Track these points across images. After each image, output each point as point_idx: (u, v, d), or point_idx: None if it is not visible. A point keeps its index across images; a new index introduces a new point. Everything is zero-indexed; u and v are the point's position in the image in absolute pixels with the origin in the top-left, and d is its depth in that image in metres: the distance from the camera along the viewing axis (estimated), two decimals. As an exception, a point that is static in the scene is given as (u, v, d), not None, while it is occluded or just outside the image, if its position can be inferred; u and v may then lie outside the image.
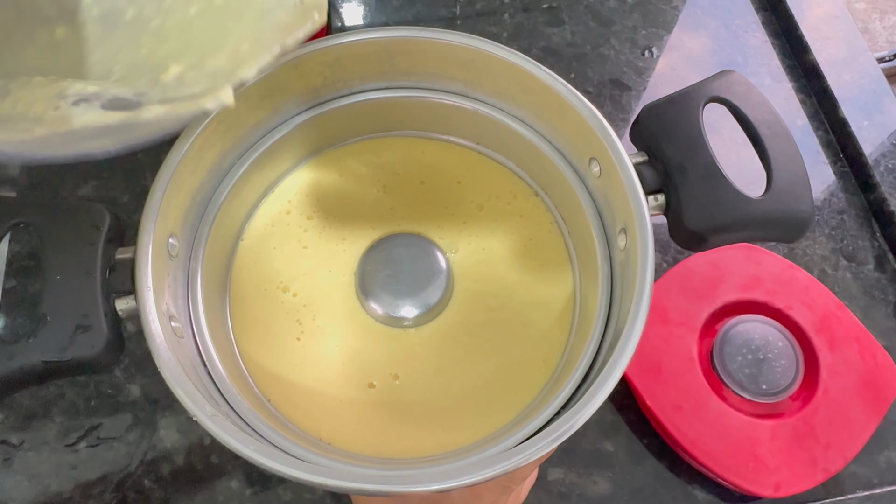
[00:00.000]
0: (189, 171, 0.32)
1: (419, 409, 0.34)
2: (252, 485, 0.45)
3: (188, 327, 0.33)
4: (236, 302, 0.36)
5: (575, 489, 0.45)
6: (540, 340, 0.35)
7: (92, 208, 0.30)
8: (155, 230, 0.30)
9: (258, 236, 0.37)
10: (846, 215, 0.56)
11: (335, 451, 0.33)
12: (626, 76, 0.61)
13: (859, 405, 0.45)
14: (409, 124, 0.39)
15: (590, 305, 0.34)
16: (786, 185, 0.31)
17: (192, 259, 0.34)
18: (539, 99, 0.35)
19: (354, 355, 0.35)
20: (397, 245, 0.37)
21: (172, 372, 0.28)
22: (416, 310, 0.35)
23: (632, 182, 0.31)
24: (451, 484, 0.26)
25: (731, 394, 0.45)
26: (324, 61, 0.35)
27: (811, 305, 0.48)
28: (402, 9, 0.64)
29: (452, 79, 0.37)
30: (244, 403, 0.31)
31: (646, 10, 0.65)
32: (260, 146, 0.36)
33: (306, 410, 0.34)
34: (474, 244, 0.37)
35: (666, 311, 0.47)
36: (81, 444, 0.46)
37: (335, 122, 0.38)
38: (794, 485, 0.43)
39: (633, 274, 0.29)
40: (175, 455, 0.45)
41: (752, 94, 0.33)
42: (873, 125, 0.58)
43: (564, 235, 0.37)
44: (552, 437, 0.26)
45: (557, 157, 0.36)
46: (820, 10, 0.64)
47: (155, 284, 0.29)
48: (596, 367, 0.31)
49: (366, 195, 0.39)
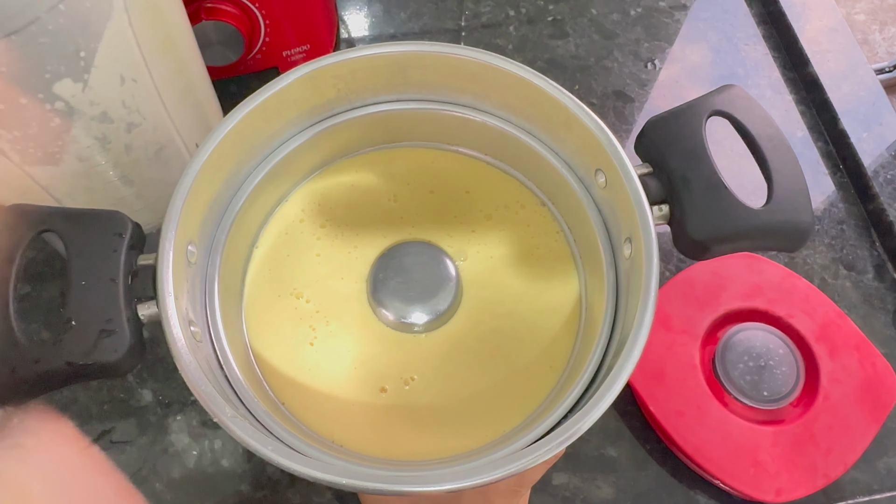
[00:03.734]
0: (207, 180, 0.33)
1: (429, 413, 0.35)
2: (262, 488, 0.46)
3: (206, 332, 0.34)
4: (251, 307, 0.37)
5: (579, 494, 0.46)
6: (547, 346, 0.36)
7: (114, 216, 0.31)
8: (175, 238, 0.31)
9: (272, 244, 0.38)
10: (846, 225, 0.57)
11: (347, 453, 0.33)
12: (629, 88, 0.62)
13: (859, 412, 0.45)
14: (419, 136, 0.40)
15: (595, 312, 0.35)
16: (786, 196, 0.32)
17: (209, 266, 0.35)
18: (546, 112, 0.36)
19: (366, 360, 0.36)
20: (408, 253, 0.37)
21: (193, 375, 0.28)
22: (426, 316, 0.36)
23: (637, 193, 0.31)
24: (462, 484, 0.26)
25: (732, 400, 0.46)
26: (338, 75, 0.36)
27: (811, 314, 0.48)
28: (409, 21, 0.65)
29: (462, 92, 0.38)
30: (260, 406, 0.32)
31: (648, 23, 0.66)
32: (275, 157, 0.37)
33: (319, 413, 0.35)
34: (482, 252, 0.38)
35: (669, 318, 0.48)
36: (94, 448, 0.46)
37: (348, 134, 0.39)
38: (794, 490, 0.43)
39: (639, 281, 0.30)
40: (186, 459, 0.46)
41: (753, 109, 0.33)
42: (872, 136, 0.59)
43: (570, 244, 0.38)
44: (560, 440, 0.27)
45: (564, 168, 0.37)
46: (819, 24, 0.65)
47: (175, 290, 0.30)
48: (602, 373, 0.32)
49: (377, 204, 0.40)
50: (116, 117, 0.38)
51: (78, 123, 0.36)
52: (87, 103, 0.35)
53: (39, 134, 0.35)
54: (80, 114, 0.36)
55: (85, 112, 0.36)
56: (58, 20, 0.31)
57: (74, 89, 0.34)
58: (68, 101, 0.34)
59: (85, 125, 0.36)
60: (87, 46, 0.33)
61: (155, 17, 0.37)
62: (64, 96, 0.34)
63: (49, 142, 0.36)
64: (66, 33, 0.32)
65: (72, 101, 0.35)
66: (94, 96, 0.35)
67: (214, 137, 0.33)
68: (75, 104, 0.35)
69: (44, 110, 0.34)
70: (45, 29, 0.31)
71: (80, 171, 0.38)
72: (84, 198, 0.40)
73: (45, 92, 0.33)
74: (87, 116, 0.36)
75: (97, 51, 0.34)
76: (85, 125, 0.36)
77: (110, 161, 0.39)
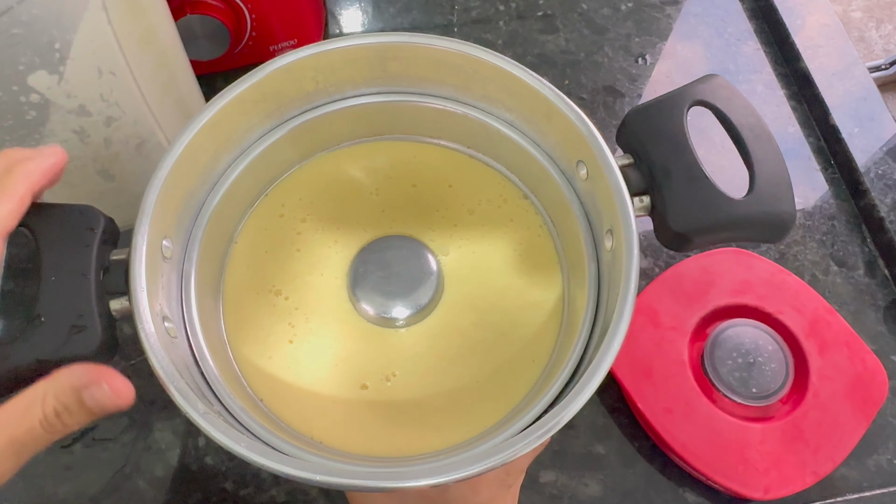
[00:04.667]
0: (182, 173, 0.33)
1: (411, 408, 0.34)
2: (246, 486, 0.45)
3: (182, 328, 0.33)
4: (229, 304, 0.36)
5: (566, 491, 0.46)
6: (529, 341, 0.35)
7: (86, 210, 0.30)
8: (149, 232, 0.30)
9: (251, 240, 0.38)
10: (836, 221, 0.56)
11: (328, 450, 0.33)
12: (619, 83, 0.62)
13: (848, 409, 0.45)
14: (400, 128, 0.40)
15: (577, 306, 0.35)
16: (768, 186, 0.31)
17: (185, 261, 0.35)
18: (527, 103, 0.35)
19: (347, 357, 0.35)
20: (389, 247, 0.37)
21: (166, 370, 0.28)
22: (407, 311, 0.35)
23: (618, 184, 0.31)
24: (443, 479, 0.26)
25: (721, 397, 0.45)
26: (316, 66, 0.36)
27: (801, 310, 0.48)
28: (398, 16, 0.65)
29: (443, 84, 0.37)
30: (237, 403, 0.31)
31: (639, 18, 0.65)
32: (253, 150, 0.37)
33: (299, 411, 0.34)
34: (465, 247, 0.38)
35: (657, 315, 0.48)
36: (76, 446, 0.46)
37: (328, 127, 0.39)
38: (783, 487, 0.43)
39: (619, 273, 0.30)
40: (170, 456, 0.46)
41: (735, 98, 0.33)
42: (864, 132, 0.59)
43: (553, 238, 0.38)
44: (540, 432, 0.26)
45: (546, 160, 0.37)
46: (812, 19, 0.65)
47: (149, 285, 0.30)
48: (583, 365, 0.31)
49: (358, 198, 0.39)
50: (95, 111, 0.37)
51: (54, 116, 0.36)
52: (63, 96, 0.35)
53: (15, 127, 0.35)
54: (57, 107, 0.35)
55: (61, 105, 0.35)
56: (31, 11, 0.31)
57: (50, 81, 0.34)
58: (44, 93, 0.34)
59: (62, 118, 0.36)
60: (62, 38, 0.33)
61: (134, 9, 0.37)
62: (39, 88, 0.34)
63: (25, 135, 0.36)
64: (40, 24, 0.32)
65: (47, 94, 0.34)
66: (71, 89, 0.35)
67: (190, 129, 0.32)
68: (51, 96, 0.35)
69: (19, 102, 0.34)
70: (18, 20, 0.31)
71: (57, 166, 0.38)
72: (63, 192, 0.40)
73: (20, 84, 0.33)
74: (63, 109, 0.36)
75: (73, 42, 0.33)
76: (62, 118, 0.36)
77: (89, 155, 0.39)
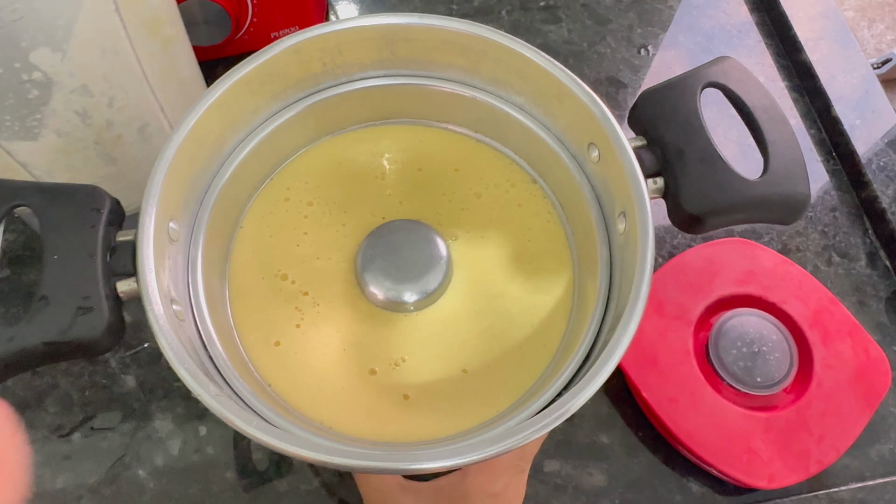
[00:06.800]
0: (188, 155, 0.32)
1: (420, 394, 0.34)
2: (247, 475, 0.45)
3: (189, 311, 0.33)
4: (236, 289, 0.36)
5: (571, 481, 0.45)
6: (539, 325, 0.35)
7: (92, 191, 0.30)
8: (156, 213, 0.30)
9: (257, 224, 0.37)
10: (838, 212, 0.56)
11: (337, 436, 0.32)
12: (622, 74, 0.62)
13: (852, 398, 0.45)
14: (407, 112, 0.39)
15: (588, 290, 0.34)
16: (782, 167, 0.31)
17: (192, 244, 0.34)
18: (537, 85, 0.35)
19: (355, 342, 0.35)
20: (397, 231, 0.37)
21: (176, 353, 0.27)
22: (415, 295, 0.35)
23: (631, 165, 0.31)
24: (461, 460, 0.25)
25: (725, 386, 0.45)
26: (323, 48, 0.35)
27: (805, 300, 0.48)
28: (400, 5, 0.65)
29: (451, 66, 0.37)
30: (246, 387, 0.31)
31: (641, 9, 0.65)
32: (259, 133, 0.36)
33: (307, 396, 0.34)
34: (473, 231, 0.38)
35: (662, 304, 0.47)
36: (75, 435, 0.45)
37: (334, 110, 0.38)
38: (787, 476, 0.43)
39: (633, 257, 0.29)
40: (170, 446, 0.45)
41: (748, 80, 0.33)
42: (865, 124, 0.59)
43: (563, 222, 0.37)
44: (559, 413, 0.26)
45: (556, 144, 0.36)
46: (813, 11, 0.65)
47: (156, 267, 0.29)
48: (596, 350, 0.31)
49: (365, 182, 0.39)
50: (97, 91, 0.37)
51: (57, 96, 0.35)
52: (66, 75, 0.34)
53: (17, 106, 0.34)
54: (59, 86, 0.35)
55: (64, 84, 0.35)
56: (34, -14, 0.30)
57: (53, 59, 0.33)
58: (46, 71, 0.33)
59: (64, 98, 0.35)
60: (65, 14, 0.32)
61: (138, -10, 0.36)
62: (42, 66, 0.33)
63: (27, 115, 0.35)
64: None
65: (50, 72, 0.34)
66: (74, 68, 0.34)
67: (197, 109, 0.32)
68: (54, 75, 0.34)
69: (21, 80, 0.33)
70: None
71: (59, 147, 0.37)
72: (64, 175, 0.39)
73: (22, 61, 0.32)
74: (66, 89, 0.35)
75: (77, 20, 0.33)
76: (64, 98, 0.35)
77: (91, 137, 0.38)
